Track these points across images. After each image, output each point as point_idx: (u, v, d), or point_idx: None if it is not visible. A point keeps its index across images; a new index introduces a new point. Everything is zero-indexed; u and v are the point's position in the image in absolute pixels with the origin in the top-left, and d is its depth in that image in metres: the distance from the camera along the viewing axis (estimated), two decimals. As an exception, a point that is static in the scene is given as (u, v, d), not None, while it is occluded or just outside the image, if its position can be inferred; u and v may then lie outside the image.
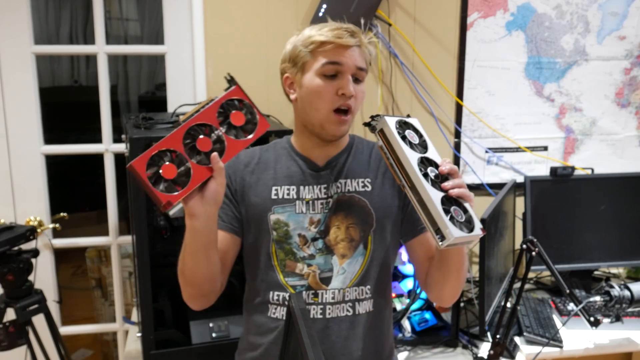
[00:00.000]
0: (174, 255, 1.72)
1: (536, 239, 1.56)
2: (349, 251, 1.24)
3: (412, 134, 1.09)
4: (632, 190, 2.14)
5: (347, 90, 1.17)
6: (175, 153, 1.03)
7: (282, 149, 1.31)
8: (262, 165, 1.29)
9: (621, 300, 1.65)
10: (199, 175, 1.04)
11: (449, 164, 1.07)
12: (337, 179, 1.26)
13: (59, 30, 3.42)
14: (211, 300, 1.24)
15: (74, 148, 2.14)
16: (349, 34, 1.18)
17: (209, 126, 1.07)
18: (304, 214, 1.24)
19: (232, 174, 1.28)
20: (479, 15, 2.13)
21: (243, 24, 1.99)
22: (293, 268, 1.24)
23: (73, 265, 3.32)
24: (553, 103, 2.26)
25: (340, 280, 1.23)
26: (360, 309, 1.24)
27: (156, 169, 1.02)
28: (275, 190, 1.25)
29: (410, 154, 1.04)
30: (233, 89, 1.11)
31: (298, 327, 0.84)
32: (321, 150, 1.27)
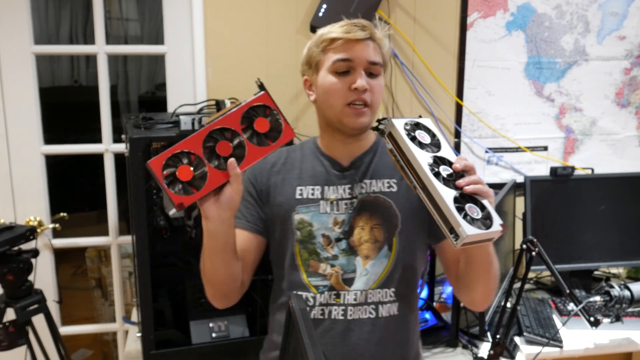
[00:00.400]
0: (174, 255, 1.73)
1: (536, 239, 1.56)
2: (372, 252, 1.22)
3: (422, 134, 1.07)
4: (632, 190, 2.14)
5: (358, 84, 1.17)
6: (194, 155, 1.03)
7: (309, 149, 1.31)
8: (288, 165, 1.29)
9: (621, 300, 1.65)
10: (215, 179, 1.04)
11: (463, 161, 1.04)
12: (362, 179, 1.25)
13: (59, 30, 3.43)
14: (233, 299, 1.25)
15: (74, 148, 2.14)
16: (359, 29, 1.18)
17: (232, 131, 1.06)
18: (328, 214, 1.24)
19: (258, 174, 1.29)
20: (479, 15, 2.13)
21: (243, 24, 1.99)
22: (316, 268, 1.23)
23: (73, 265, 3.32)
24: (553, 103, 2.26)
25: (363, 282, 1.22)
26: (383, 312, 1.22)
27: (173, 170, 1.02)
28: (299, 190, 1.25)
29: (419, 154, 1.03)
30: (261, 95, 1.09)
31: (298, 327, 0.84)
32: (345, 149, 1.27)
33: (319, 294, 1.23)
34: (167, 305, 1.62)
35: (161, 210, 1.72)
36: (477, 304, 1.25)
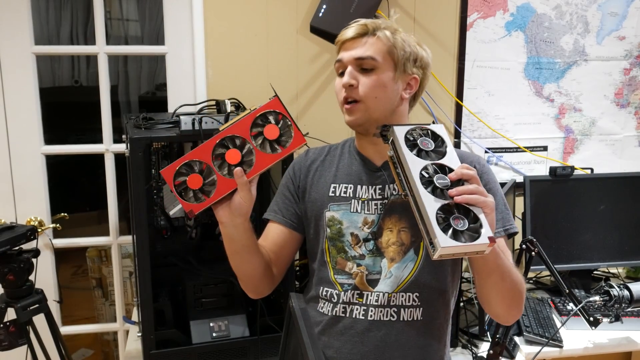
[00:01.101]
0: (174, 255, 1.73)
1: (536, 239, 1.57)
2: (398, 255, 1.22)
3: (426, 141, 1.06)
4: (631, 190, 2.14)
5: (342, 81, 1.21)
6: (205, 164, 1.07)
7: (348, 147, 1.33)
8: (327, 162, 1.32)
9: (620, 300, 1.65)
10: (224, 187, 1.07)
11: (461, 170, 1.01)
12: (394, 181, 1.23)
13: (59, 31, 3.42)
14: (264, 292, 1.30)
15: (74, 148, 2.15)
16: (353, 28, 1.22)
17: (242, 138, 1.08)
18: (359, 214, 1.24)
19: (298, 170, 1.32)
20: (479, 16, 2.13)
21: (243, 24, 1.99)
22: (343, 266, 1.24)
23: (74, 265, 3.32)
24: (552, 103, 2.27)
25: (386, 284, 1.22)
26: (405, 316, 1.22)
27: (184, 178, 1.06)
28: (333, 188, 1.27)
29: (412, 161, 1.01)
30: (271, 101, 1.10)
31: (298, 327, 0.84)
32: (376, 150, 1.27)
33: (343, 291, 1.24)
34: (168, 305, 1.62)
35: (161, 210, 1.72)
36: (501, 318, 1.23)
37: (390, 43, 1.21)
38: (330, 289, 1.26)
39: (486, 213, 0.99)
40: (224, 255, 1.23)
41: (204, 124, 1.52)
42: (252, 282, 1.25)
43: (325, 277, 1.27)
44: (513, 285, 1.13)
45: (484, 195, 0.99)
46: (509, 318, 1.22)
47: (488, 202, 0.99)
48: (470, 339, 1.79)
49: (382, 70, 1.21)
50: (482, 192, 0.99)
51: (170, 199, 1.71)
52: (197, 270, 1.69)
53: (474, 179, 1.01)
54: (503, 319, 1.24)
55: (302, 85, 2.04)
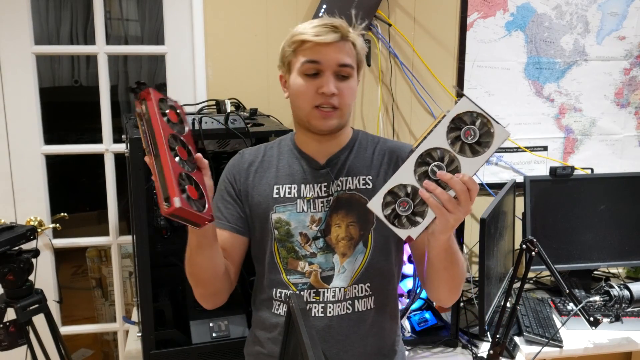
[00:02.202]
0: (174, 255, 1.73)
1: (536, 239, 1.57)
2: (349, 250, 1.24)
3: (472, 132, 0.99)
4: (631, 190, 2.14)
5: (325, 89, 1.16)
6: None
7: (286, 146, 1.31)
8: (265, 163, 1.30)
9: (621, 300, 1.65)
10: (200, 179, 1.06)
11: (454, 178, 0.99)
12: (338, 176, 1.25)
13: (59, 31, 3.42)
14: (222, 298, 1.27)
15: (74, 148, 2.15)
16: (329, 30, 1.17)
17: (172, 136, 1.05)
18: (305, 213, 1.25)
19: (237, 174, 1.29)
20: (479, 16, 2.13)
21: (243, 24, 1.99)
22: (295, 266, 1.24)
23: (73, 265, 3.32)
24: (553, 103, 2.26)
25: (341, 279, 1.23)
26: (360, 307, 1.25)
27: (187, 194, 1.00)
28: (276, 189, 1.26)
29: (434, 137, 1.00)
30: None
31: (298, 327, 0.84)
32: (321, 147, 1.27)
33: (299, 291, 1.24)
34: (168, 305, 1.62)
35: (161, 210, 1.72)
36: (443, 300, 1.26)
37: (358, 47, 1.22)
38: (284, 290, 1.25)
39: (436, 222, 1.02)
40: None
41: (204, 124, 1.52)
42: (213, 284, 1.22)
43: (277, 279, 1.26)
44: (460, 271, 1.16)
45: (450, 212, 0.99)
46: (450, 300, 1.25)
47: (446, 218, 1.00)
48: (470, 339, 1.78)
49: (354, 77, 1.22)
50: (450, 207, 0.99)
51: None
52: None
53: (461, 195, 0.99)
54: (445, 301, 1.26)
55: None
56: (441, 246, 1.08)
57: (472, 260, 2.22)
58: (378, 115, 2.12)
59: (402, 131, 2.17)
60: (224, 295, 1.27)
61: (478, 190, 1.02)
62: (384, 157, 1.28)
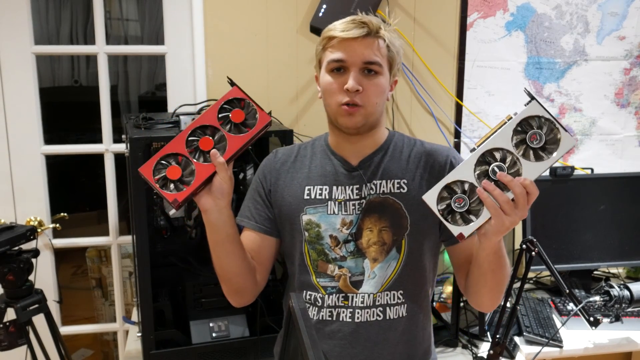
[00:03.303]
0: (174, 255, 1.73)
1: (536, 239, 1.57)
2: (380, 255, 1.21)
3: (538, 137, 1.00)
4: (632, 190, 2.14)
5: (348, 85, 1.15)
6: (181, 156, 1.10)
7: (320, 146, 1.30)
8: (298, 163, 1.29)
9: (621, 300, 1.65)
10: (203, 172, 1.10)
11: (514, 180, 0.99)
12: (371, 179, 1.23)
13: (59, 31, 3.42)
14: (247, 297, 1.27)
15: (74, 148, 2.15)
16: (356, 26, 1.16)
17: (211, 127, 1.12)
18: (336, 215, 1.23)
19: (268, 173, 1.29)
20: (479, 16, 2.13)
21: (243, 24, 1.99)
22: (325, 269, 1.23)
23: (73, 265, 3.32)
24: (553, 103, 2.26)
25: (371, 285, 1.21)
26: (391, 314, 1.22)
27: (163, 172, 1.09)
28: (308, 190, 1.25)
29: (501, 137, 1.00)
30: (231, 89, 1.16)
31: (298, 327, 0.84)
32: (354, 148, 1.25)
33: (327, 295, 1.23)
34: (167, 305, 1.62)
35: (161, 210, 1.72)
36: (485, 306, 1.24)
37: (391, 46, 1.19)
38: (314, 292, 1.24)
39: (490, 222, 1.01)
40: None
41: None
42: (236, 281, 1.22)
43: (307, 281, 1.25)
44: (505, 276, 1.15)
45: (507, 214, 0.99)
46: (492, 306, 1.24)
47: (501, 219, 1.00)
48: (470, 339, 1.78)
49: (383, 75, 1.19)
50: (507, 209, 0.99)
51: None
52: (197, 270, 1.68)
53: (519, 198, 0.99)
54: (486, 308, 1.25)
55: (302, 85, 2.04)
56: (492, 248, 1.06)
57: (472, 260, 2.22)
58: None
59: (402, 131, 2.16)
60: (248, 295, 1.26)
61: (538, 195, 1.01)
62: (420, 160, 1.25)
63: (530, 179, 1.00)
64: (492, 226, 1.01)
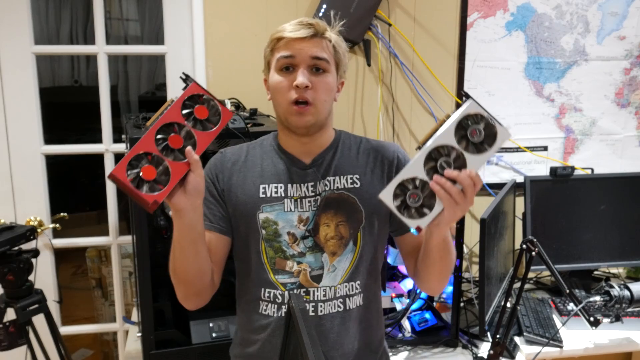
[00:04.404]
0: (174, 255, 1.73)
1: (536, 239, 1.57)
2: (339, 249, 1.25)
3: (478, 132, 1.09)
4: (632, 190, 2.14)
5: (298, 82, 1.17)
6: (151, 155, 1.07)
7: (269, 146, 1.31)
8: (249, 163, 1.29)
9: (621, 300, 1.65)
10: (178, 171, 1.08)
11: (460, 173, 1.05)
12: (325, 176, 1.26)
13: (59, 30, 3.42)
14: (205, 298, 1.25)
15: (74, 148, 2.15)
16: (303, 27, 1.19)
17: (177, 124, 1.10)
18: (292, 212, 1.25)
19: (219, 173, 1.28)
20: (479, 15, 2.13)
21: (243, 25, 1.99)
22: (283, 266, 1.24)
23: (73, 265, 3.32)
24: (553, 103, 2.26)
25: (331, 278, 1.24)
26: (350, 304, 1.26)
27: (137, 173, 1.05)
28: (263, 189, 1.25)
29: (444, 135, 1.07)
30: (190, 85, 1.13)
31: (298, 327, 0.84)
32: (304, 147, 1.26)
33: (287, 291, 1.24)
34: (167, 305, 1.62)
35: (161, 210, 1.72)
36: (434, 290, 1.34)
37: (337, 47, 1.23)
38: (273, 289, 1.25)
39: (443, 213, 1.06)
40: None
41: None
42: (197, 283, 1.21)
43: (264, 279, 1.26)
44: (451, 261, 1.21)
45: (457, 203, 1.05)
46: (440, 289, 1.31)
47: (454, 209, 1.06)
48: (470, 339, 1.78)
49: (331, 73, 1.22)
50: (458, 199, 1.05)
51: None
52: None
53: (467, 188, 1.05)
54: (436, 291, 1.34)
55: (302, 85, 2.04)
56: (441, 237, 1.13)
57: (472, 261, 2.22)
58: (378, 115, 2.12)
59: (402, 131, 2.17)
60: (206, 296, 1.25)
61: (481, 184, 1.10)
62: (369, 156, 1.30)
63: (475, 170, 1.08)
64: (445, 217, 1.07)
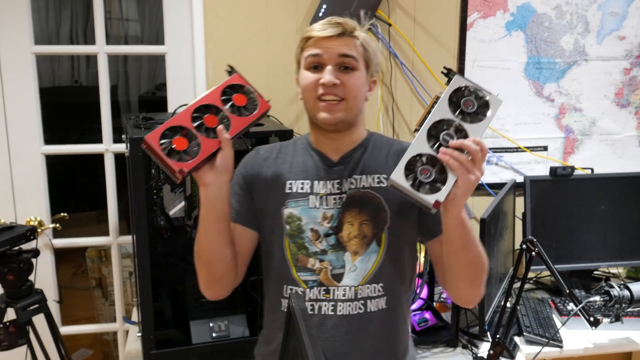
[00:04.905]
0: (174, 255, 1.73)
1: (536, 239, 1.57)
2: (361, 248, 1.23)
3: (471, 103, 1.11)
4: (632, 190, 2.14)
5: (324, 79, 1.19)
6: (185, 130, 1.12)
7: (301, 144, 1.33)
8: (279, 159, 1.31)
9: (621, 300, 1.65)
10: (208, 147, 1.12)
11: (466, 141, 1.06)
12: (352, 174, 1.25)
13: (59, 30, 3.42)
14: (225, 288, 1.27)
15: (74, 148, 2.14)
16: (331, 25, 1.21)
17: (215, 107, 1.16)
18: (317, 209, 1.24)
19: (250, 168, 1.30)
20: (479, 16, 2.13)
21: (243, 24, 1.99)
22: (305, 263, 1.24)
23: (73, 265, 3.32)
24: (553, 103, 2.26)
25: (352, 278, 1.23)
26: (372, 307, 1.23)
27: (169, 142, 1.10)
28: (289, 184, 1.26)
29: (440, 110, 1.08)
30: (233, 75, 1.20)
31: (298, 327, 0.84)
32: (333, 145, 1.27)
33: (309, 289, 1.24)
34: (167, 305, 1.62)
35: (161, 210, 1.72)
36: (463, 298, 1.24)
37: (366, 45, 1.23)
38: (295, 287, 1.25)
39: (457, 184, 1.06)
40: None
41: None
42: (219, 269, 1.22)
43: (287, 275, 1.26)
44: (477, 259, 1.16)
45: (469, 171, 1.05)
46: (470, 298, 1.23)
47: (467, 177, 1.05)
48: (470, 339, 1.78)
49: (360, 71, 1.23)
50: (469, 167, 1.05)
51: (170, 198, 1.71)
52: (197, 270, 1.68)
53: (475, 154, 1.06)
54: (466, 300, 1.24)
55: (302, 85, 2.04)
56: (459, 216, 1.10)
57: (472, 260, 2.21)
58: (378, 115, 2.12)
59: (402, 131, 2.17)
60: (227, 286, 1.26)
61: (488, 151, 1.10)
62: (399, 157, 1.25)
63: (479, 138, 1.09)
64: (460, 187, 1.06)
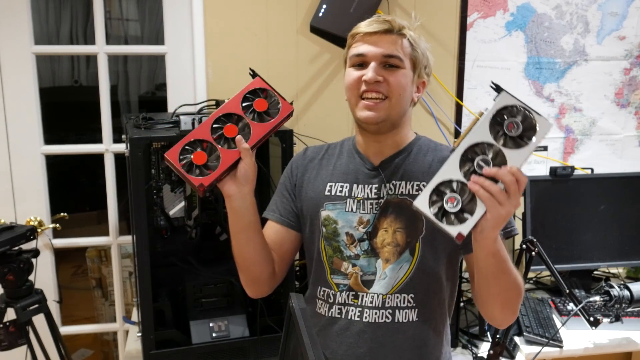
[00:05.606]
0: (174, 255, 1.73)
1: (536, 239, 1.57)
2: (393, 256, 1.21)
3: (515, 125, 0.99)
4: (632, 190, 2.14)
5: (366, 77, 1.16)
6: (206, 142, 1.13)
7: (347, 145, 1.32)
8: (324, 161, 1.31)
9: (621, 300, 1.65)
10: (228, 158, 1.13)
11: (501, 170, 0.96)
12: (391, 180, 1.22)
13: (59, 31, 3.42)
14: (263, 288, 1.28)
15: (74, 148, 2.14)
16: (379, 22, 1.19)
17: (235, 115, 1.16)
18: (354, 213, 1.23)
19: (295, 169, 1.31)
20: (479, 16, 2.13)
21: (243, 24, 1.99)
22: (339, 266, 1.24)
23: (73, 265, 3.32)
24: (553, 103, 2.27)
25: (381, 285, 1.20)
26: (401, 318, 1.20)
27: (189, 157, 1.12)
28: (329, 187, 1.26)
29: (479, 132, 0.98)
30: (254, 80, 1.19)
31: (298, 327, 0.84)
32: (376, 148, 1.25)
33: (339, 292, 1.24)
34: (167, 305, 1.62)
35: (161, 210, 1.72)
36: (496, 319, 1.19)
37: (414, 45, 1.20)
38: (327, 288, 1.26)
39: (486, 217, 0.97)
40: (224, 255, 1.23)
41: (204, 123, 1.52)
42: (254, 270, 1.22)
43: (322, 277, 1.26)
44: (509, 287, 1.10)
45: (501, 204, 0.96)
46: (502, 321, 1.19)
47: (497, 210, 0.96)
48: (470, 339, 1.78)
49: (405, 70, 1.19)
50: (501, 199, 0.96)
51: (170, 198, 1.71)
52: (197, 270, 1.69)
53: (510, 186, 0.96)
54: (499, 321, 1.20)
55: (302, 85, 2.04)
56: (489, 247, 1.02)
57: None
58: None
59: (402, 131, 2.17)
60: (265, 286, 1.27)
61: (527, 182, 0.99)
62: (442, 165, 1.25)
63: (517, 167, 0.98)
64: (489, 220, 0.97)
